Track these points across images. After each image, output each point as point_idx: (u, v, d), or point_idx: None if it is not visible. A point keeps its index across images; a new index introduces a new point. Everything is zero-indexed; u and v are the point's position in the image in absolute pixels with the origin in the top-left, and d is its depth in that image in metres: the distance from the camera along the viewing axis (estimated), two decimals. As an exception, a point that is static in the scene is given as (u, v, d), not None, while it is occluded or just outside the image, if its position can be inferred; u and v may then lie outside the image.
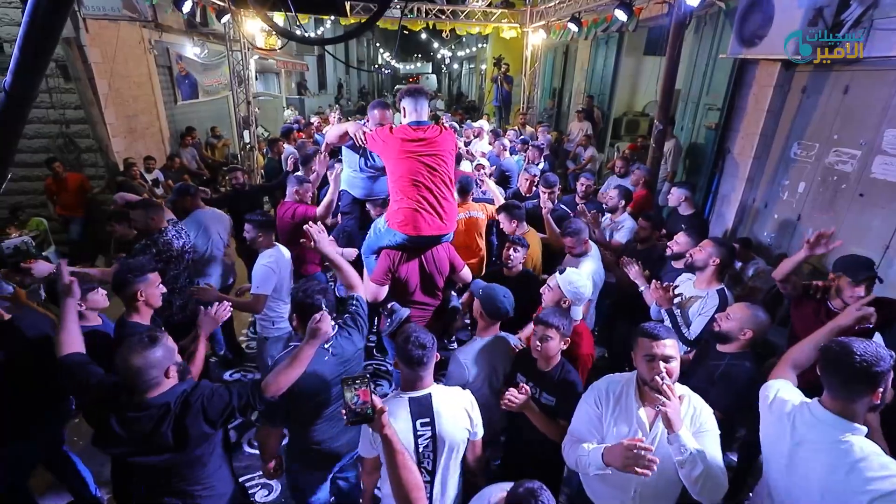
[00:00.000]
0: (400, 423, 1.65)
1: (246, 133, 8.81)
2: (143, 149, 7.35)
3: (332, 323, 1.87)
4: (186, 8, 5.68)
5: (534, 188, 4.35)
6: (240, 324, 4.52)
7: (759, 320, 2.09)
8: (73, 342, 1.78)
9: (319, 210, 3.42)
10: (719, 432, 1.66)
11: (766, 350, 3.21)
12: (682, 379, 1.76)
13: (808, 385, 1.69)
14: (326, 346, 1.95)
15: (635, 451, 1.44)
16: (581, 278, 2.34)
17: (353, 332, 2.10)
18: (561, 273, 2.33)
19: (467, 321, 3.37)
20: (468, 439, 1.82)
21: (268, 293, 2.89)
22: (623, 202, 3.91)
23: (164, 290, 2.28)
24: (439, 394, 1.75)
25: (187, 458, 1.65)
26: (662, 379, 1.54)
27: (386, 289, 2.70)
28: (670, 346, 1.63)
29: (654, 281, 2.63)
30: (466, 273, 2.90)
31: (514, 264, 2.95)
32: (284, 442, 2.40)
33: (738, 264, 3.87)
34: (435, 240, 2.66)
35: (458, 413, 1.76)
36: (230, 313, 2.29)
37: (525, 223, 3.45)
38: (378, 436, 1.46)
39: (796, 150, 4.43)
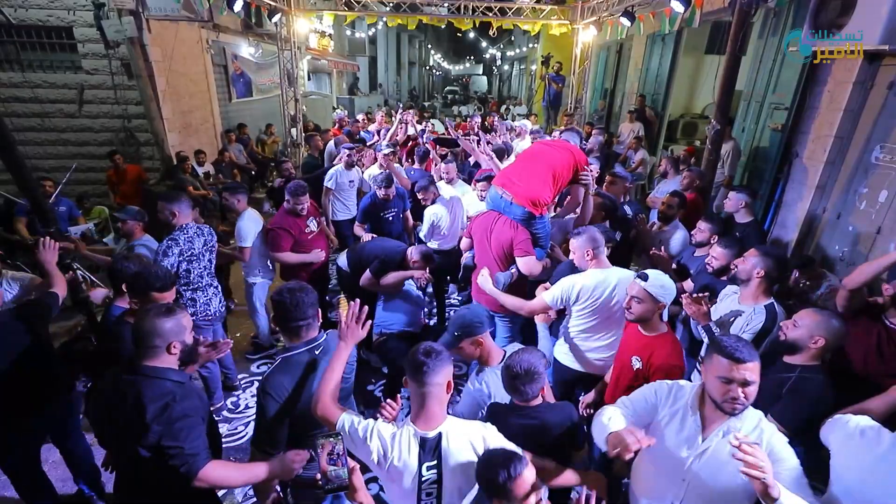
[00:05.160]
0: (409, 461, 1.49)
1: (293, 130, 9.07)
2: (196, 143, 7.73)
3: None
4: (237, 7, 5.87)
5: None
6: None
7: (832, 326, 1.85)
8: None
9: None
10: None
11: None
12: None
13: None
14: (317, 351, 1.82)
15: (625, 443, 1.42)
16: (662, 275, 2.11)
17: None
18: (644, 279, 2.05)
19: None
20: None
21: (250, 245, 3.56)
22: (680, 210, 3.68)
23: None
24: (451, 433, 1.54)
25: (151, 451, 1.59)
26: (741, 447, 1.31)
27: None
28: (752, 370, 1.46)
29: (685, 294, 2.35)
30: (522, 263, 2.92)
31: None
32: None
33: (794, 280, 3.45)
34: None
35: (469, 455, 1.54)
36: None
37: None
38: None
39: (878, 154, 3.90)
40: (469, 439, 1.55)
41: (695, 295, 2.30)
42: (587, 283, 2.51)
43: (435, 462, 1.51)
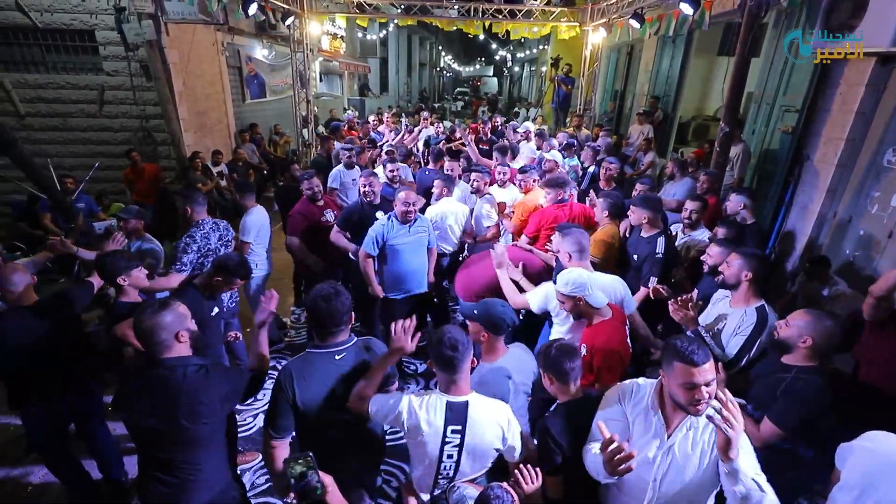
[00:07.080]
0: (436, 422, 1.64)
1: (304, 131, 9.20)
2: (211, 144, 7.88)
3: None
4: (252, 10, 5.99)
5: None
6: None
7: (822, 326, 1.86)
8: None
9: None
10: (751, 449, 1.52)
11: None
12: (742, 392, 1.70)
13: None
14: (338, 357, 1.83)
15: (610, 453, 1.39)
16: (566, 273, 2.29)
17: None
18: (555, 284, 2.31)
19: None
20: (498, 456, 1.76)
21: (251, 241, 3.70)
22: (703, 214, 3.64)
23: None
24: (476, 403, 1.69)
25: (186, 432, 1.67)
26: (720, 409, 1.39)
27: None
28: (710, 370, 1.48)
29: (671, 301, 2.35)
30: None
31: None
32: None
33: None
34: None
35: (492, 427, 1.69)
36: None
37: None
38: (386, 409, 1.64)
39: (891, 157, 3.87)
40: (494, 414, 1.70)
41: (680, 300, 2.31)
42: None
43: (459, 427, 1.65)
